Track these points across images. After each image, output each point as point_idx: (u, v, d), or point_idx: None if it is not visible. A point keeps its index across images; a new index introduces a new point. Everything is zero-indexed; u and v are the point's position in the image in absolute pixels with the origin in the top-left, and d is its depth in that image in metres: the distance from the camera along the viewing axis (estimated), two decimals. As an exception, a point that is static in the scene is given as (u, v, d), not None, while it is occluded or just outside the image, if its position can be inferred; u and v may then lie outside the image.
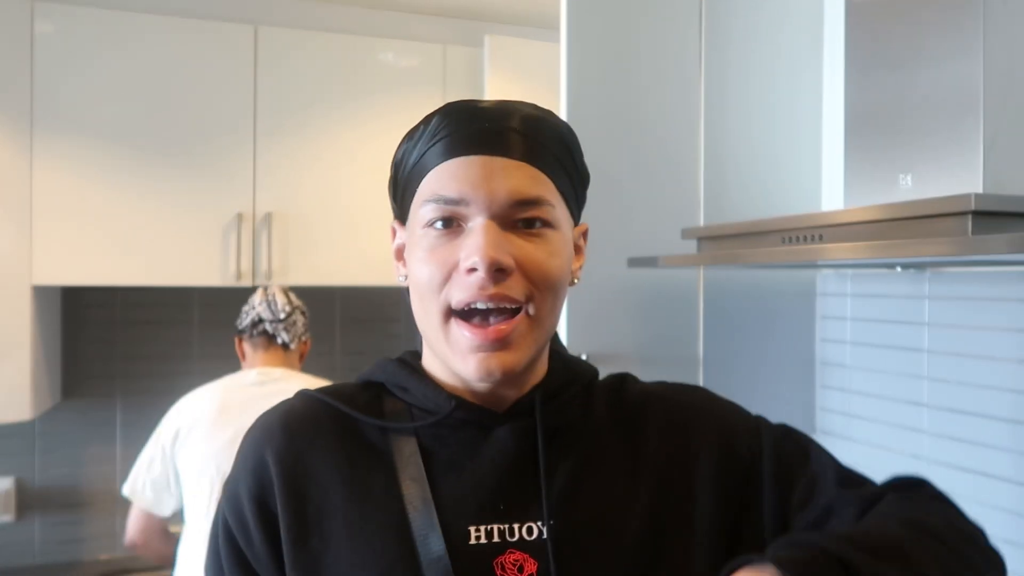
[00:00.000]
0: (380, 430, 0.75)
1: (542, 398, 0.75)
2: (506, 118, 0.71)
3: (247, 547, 0.72)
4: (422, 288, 0.71)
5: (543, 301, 0.71)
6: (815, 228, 1.17)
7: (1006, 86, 1.12)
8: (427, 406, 0.75)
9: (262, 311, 2.07)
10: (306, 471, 0.73)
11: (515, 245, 0.69)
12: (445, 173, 0.70)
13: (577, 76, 1.60)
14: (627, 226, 1.61)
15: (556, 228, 0.72)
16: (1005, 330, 1.36)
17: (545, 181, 0.71)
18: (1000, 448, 1.36)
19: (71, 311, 2.67)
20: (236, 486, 0.75)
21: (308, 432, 0.76)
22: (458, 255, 0.68)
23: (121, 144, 2.38)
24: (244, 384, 1.98)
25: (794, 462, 0.77)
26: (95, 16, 2.37)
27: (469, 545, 0.70)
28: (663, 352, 1.47)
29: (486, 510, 0.71)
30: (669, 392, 0.83)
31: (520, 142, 0.70)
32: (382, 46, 2.65)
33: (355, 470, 0.73)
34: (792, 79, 1.75)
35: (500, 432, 0.74)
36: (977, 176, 1.11)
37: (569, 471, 0.74)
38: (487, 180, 0.68)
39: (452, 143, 0.70)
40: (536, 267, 0.69)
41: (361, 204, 2.60)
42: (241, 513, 0.73)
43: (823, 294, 1.77)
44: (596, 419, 0.78)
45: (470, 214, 0.69)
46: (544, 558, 0.69)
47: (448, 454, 0.74)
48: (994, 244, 0.84)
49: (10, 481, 2.59)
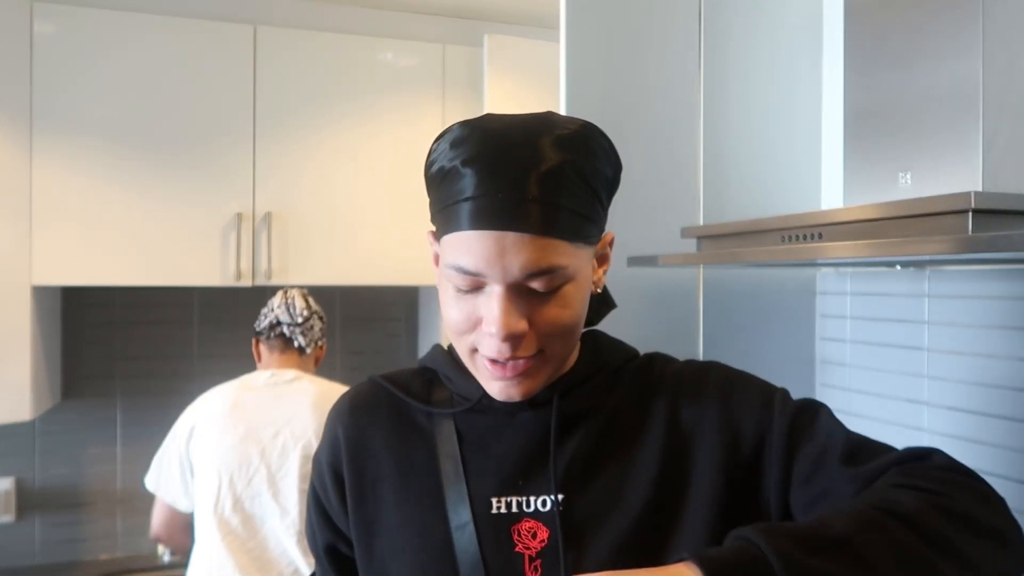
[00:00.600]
0: (426, 413, 0.89)
1: (561, 391, 0.84)
2: (525, 179, 0.73)
3: (327, 502, 0.91)
4: (451, 328, 0.80)
5: (555, 345, 0.79)
6: (815, 227, 1.17)
7: (1006, 84, 1.12)
8: (463, 393, 0.87)
9: (280, 314, 2.08)
10: (365, 445, 0.89)
11: (530, 307, 0.76)
12: (463, 245, 0.75)
13: (576, 75, 1.59)
14: (626, 225, 1.61)
15: (571, 280, 0.77)
16: (1005, 328, 1.36)
17: (557, 245, 0.75)
18: (1001, 446, 1.36)
19: (71, 311, 2.67)
20: (319, 455, 0.92)
21: (369, 413, 0.91)
22: (480, 312, 0.76)
23: (121, 144, 2.38)
24: (257, 385, 2.00)
25: (802, 437, 0.80)
26: (94, 16, 2.37)
27: (491, 514, 0.82)
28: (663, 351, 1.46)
29: (507, 484, 0.82)
30: (688, 370, 0.89)
31: (536, 212, 0.73)
32: (381, 46, 2.65)
33: (403, 446, 0.88)
34: (791, 78, 1.75)
35: (523, 417, 0.85)
36: (977, 174, 1.11)
37: (582, 450, 0.83)
38: (500, 257, 0.73)
39: (472, 212, 0.74)
40: (548, 324, 0.77)
41: (361, 204, 2.60)
42: (322, 476, 0.91)
43: (823, 293, 1.77)
44: (615, 402, 0.86)
45: (488, 282, 0.75)
46: (554, 526, 0.80)
47: (478, 436, 0.86)
48: (994, 242, 0.84)
49: (10, 481, 2.59)
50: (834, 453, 0.77)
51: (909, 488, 0.71)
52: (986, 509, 0.71)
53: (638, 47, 1.65)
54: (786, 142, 1.74)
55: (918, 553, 0.65)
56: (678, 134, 1.67)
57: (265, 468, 1.89)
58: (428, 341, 2.94)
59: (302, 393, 1.98)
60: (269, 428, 1.92)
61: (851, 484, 0.75)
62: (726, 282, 1.71)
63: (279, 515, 1.87)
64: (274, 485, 1.88)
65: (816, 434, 0.80)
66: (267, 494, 1.88)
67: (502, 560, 0.80)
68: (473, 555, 0.80)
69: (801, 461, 0.78)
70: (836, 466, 0.76)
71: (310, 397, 1.97)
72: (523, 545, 0.81)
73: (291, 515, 1.88)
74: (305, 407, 1.95)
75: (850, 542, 0.64)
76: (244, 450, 1.89)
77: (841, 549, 0.63)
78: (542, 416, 0.84)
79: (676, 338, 1.65)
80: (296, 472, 1.89)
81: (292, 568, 1.87)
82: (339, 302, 2.94)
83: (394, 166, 2.62)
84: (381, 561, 0.85)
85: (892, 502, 0.68)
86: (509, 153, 0.74)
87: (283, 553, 1.87)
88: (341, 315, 2.96)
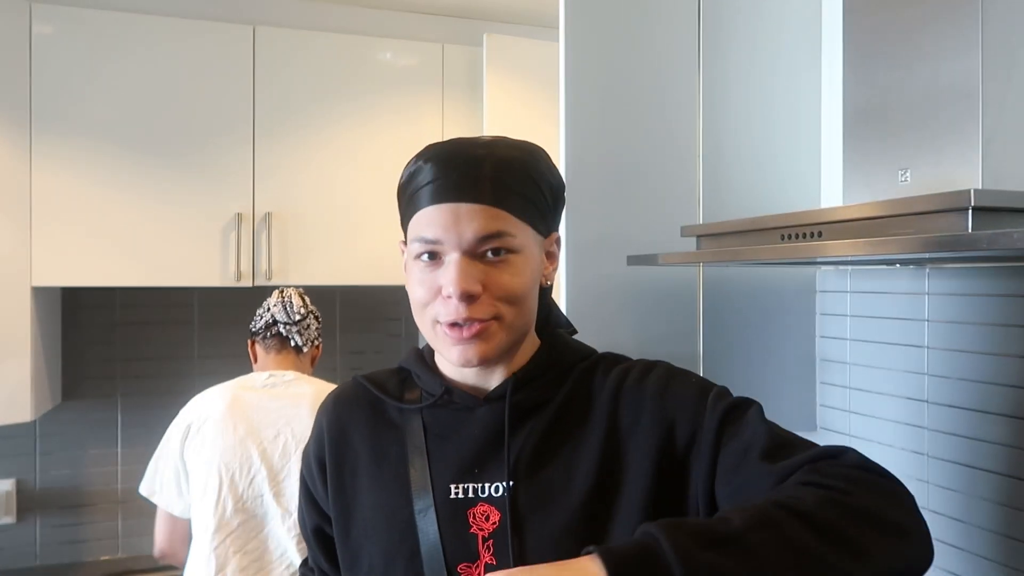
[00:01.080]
0: (397, 409, 0.98)
1: (514, 385, 0.93)
2: (478, 165, 0.87)
3: (313, 489, 1.02)
4: (416, 304, 0.90)
5: (508, 311, 0.88)
6: (814, 225, 1.17)
7: (1005, 81, 1.12)
8: (429, 389, 0.97)
9: (277, 313, 2.07)
10: (345, 438, 0.99)
11: (483, 271, 0.86)
12: (424, 218, 0.88)
13: (576, 74, 1.59)
14: (626, 224, 1.61)
15: (519, 252, 0.89)
16: (1006, 326, 1.36)
17: (506, 217, 0.87)
18: (1001, 444, 1.36)
19: (71, 312, 2.67)
20: (308, 447, 1.04)
21: (349, 408, 1.01)
22: (440, 282, 0.87)
23: (120, 145, 2.38)
24: (255, 386, 1.98)
25: (729, 432, 0.85)
26: (93, 17, 2.37)
27: (449, 499, 0.91)
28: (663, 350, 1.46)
29: (464, 472, 0.91)
30: (633, 368, 0.96)
31: (486, 187, 0.87)
32: (381, 45, 2.65)
33: (377, 438, 0.97)
34: (790, 76, 1.75)
35: (480, 412, 0.94)
36: (976, 171, 1.11)
37: (532, 442, 0.91)
38: (456, 223, 0.86)
39: (432, 191, 0.87)
40: (500, 288, 0.87)
41: (361, 203, 2.60)
42: (310, 465, 1.02)
43: (823, 291, 1.77)
44: (564, 397, 0.94)
45: (446, 250, 0.86)
46: (504, 510, 0.89)
47: (441, 428, 0.95)
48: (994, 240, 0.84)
49: (11, 483, 2.59)
50: (756, 449, 0.82)
51: (814, 485, 0.74)
52: (889, 504, 0.74)
53: (637, 46, 1.65)
54: (785, 140, 1.74)
55: (810, 548, 0.68)
56: (677, 132, 1.67)
57: (267, 469, 1.88)
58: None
59: (301, 395, 1.97)
60: (269, 429, 1.91)
61: (767, 478, 0.80)
62: (726, 281, 1.71)
63: (280, 516, 1.87)
64: (276, 486, 1.88)
65: (742, 430, 0.85)
66: (269, 495, 1.87)
67: (458, 540, 0.89)
68: (433, 535, 0.89)
69: (726, 455, 0.84)
70: (756, 461, 0.81)
71: (309, 399, 1.96)
72: (477, 527, 0.89)
73: (293, 516, 1.87)
74: (304, 408, 1.94)
75: (744, 537, 0.67)
76: (244, 450, 1.89)
77: (735, 544, 0.67)
78: (497, 410, 0.93)
79: (676, 337, 1.65)
80: (298, 474, 1.88)
81: (291, 570, 1.86)
82: (339, 302, 2.94)
83: (394, 166, 2.59)
84: (356, 541, 0.95)
85: (793, 499, 0.72)
86: (465, 149, 0.89)
87: (283, 554, 1.87)
88: (341, 315, 2.96)
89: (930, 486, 1.50)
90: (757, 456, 0.81)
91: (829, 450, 0.81)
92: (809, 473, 0.77)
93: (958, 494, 1.44)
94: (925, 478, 1.51)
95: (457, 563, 0.88)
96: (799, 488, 0.74)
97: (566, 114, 1.58)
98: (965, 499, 1.43)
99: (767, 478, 0.80)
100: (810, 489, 0.74)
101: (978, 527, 1.40)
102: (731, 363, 1.69)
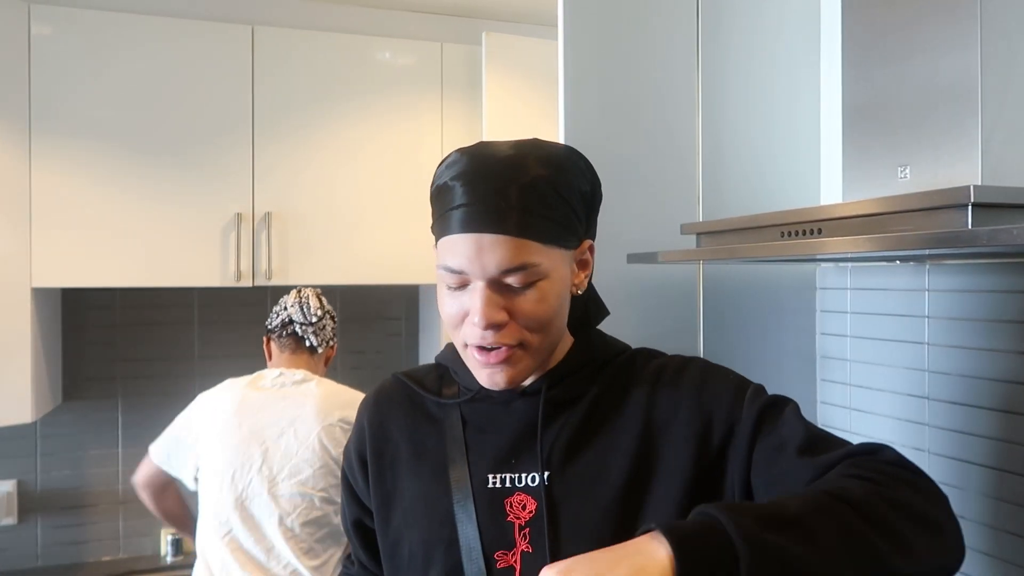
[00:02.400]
0: (436, 403, 1.01)
1: (549, 381, 0.96)
2: (505, 191, 0.85)
3: (353, 483, 1.05)
4: (447, 321, 0.92)
5: (534, 338, 0.89)
6: (814, 222, 1.17)
7: (1004, 77, 1.11)
8: (467, 384, 0.99)
9: (294, 313, 2.08)
10: (385, 433, 1.02)
11: (509, 300, 0.87)
12: (450, 245, 0.87)
13: (575, 73, 1.59)
14: (626, 222, 1.61)
15: (546, 277, 0.88)
16: (1006, 322, 1.36)
17: (531, 246, 0.86)
18: (1001, 440, 1.36)
19: (71, 313, 2.67)
20: (349, 443, 1.07)
21: (389, 404, 1.04)
22: (467, 307, 0.88)
23: (119, 145, 2.38)
24: (264, 385, 2.00)
25: (766, 427, 0.88)
26: (92, 18, 2.36)
27: (487, 488, 0.93)
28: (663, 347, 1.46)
29: (501, 463, 0.94)
30: (670, 363, 0.99)
31: (512, 217, 0.85)
32: (380, 45, 2.65)
33: (416, 431, 1.01)
34: (789, 73, 1.75)
35: (516, 405, 0.96)
36: (976, 168, 1.11)
37: (567, 434, 0.94)
38: (479, 255, 0.85)
39: (457, 219, 0.86)
40: (525, 316, 0.88)
41: (361, 202, 2.60)
42: (350, 460, 1.05)
43: (823, 288, 1.77)
44: (599, 391, 0.96)
45: (471, 279, 0.87)
46: (540, 499, 0.91)
47: (479, 421, 0.98)
48: (994, 236, 0.84)
49: (12, 484, 2.60)
50: (793, 443, 0.85)
51: (857, 478, 0.77)
52: (927, 502, 0.78)
53: (636, 44, 1.65)
54: (785, 138, 1.74)
55: (861, 535, 0.71)
56: (677, 130, 1.67)
57: (267, 469, 1.89)
58: (428, 340, 2.94)
59: (307, 395, 1.98)
60: (273, 429, 1.92)
61: (806, 472, 0.83)
62: (726, 278, 1.71)
63: (278, 516, 1.87)
64: (275, 487, 1.88)
65: (780, 426, 0.88)
66: (267, 495, 1.88)
67: (496, 528, 0.92)
68: (471, 524, 0.92)
69: (763, 449, 0.87)
70: (794, 455, 0.84)
71: (315, 400, 1.97)
72: (514, 515, 0.92)
73: (291, 516, 1.87)
74: (309, 409, 1.95)
75: (801, 521, 0.70)
76: (247, 450, 1.89)
77: (793, 526, 0.69)
78: (532, 404, 0.95)
79: (676, 335, 1.65)
80: (298, 475, 1.89)
81: (288, 568, 1.86)
82: (339, 301, 2.94)
83: (393, 165, 2.62)
84: (397, 530, 0.98)
85: (842, 488, 0.75)
86: (493, 169, 0.87)
87: (282, 554, 1.87)
88: (342, 314, 2.96)
89: (931, 483, 1.50)
90: (795, 451, 0.84)
91: (866, 446, 0.84)
92: (851, 467, 0.80)
93: (959, 490, 1.44)
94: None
95: (494, 551, 0.91)
96: (845, 479, 0.77)
97: (565, 112, 1.58)
98: (967, 495, 1.43)
99: (806, 471, 0.83)
100: (855, 481, 0.76)
101: (980, 523, 1.40)
102: (731, 361, 1.68)
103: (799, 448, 0.85)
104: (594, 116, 1.61)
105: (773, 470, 0.85)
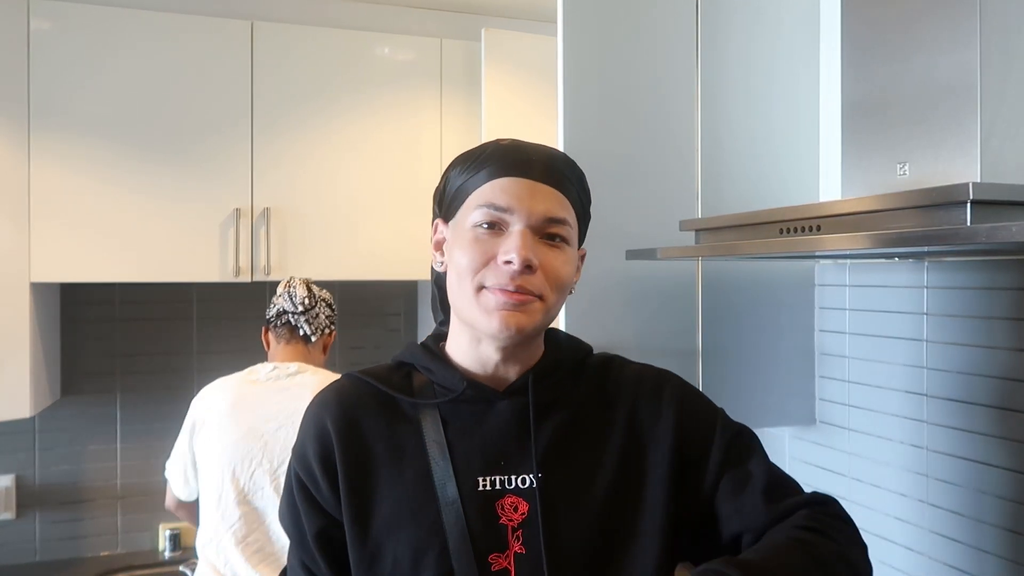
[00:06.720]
0: (411, 404, 0.97)
1: (534, 378, 0.96)
2: (551, 156, 0.95)
3: (316, 492, 0.95)
4: (461, 271, 0.91)
5: (552, 295, 0.92)
6: (813, 219, 1.17)
7: (1003, 74, 1.11)
8: (446, 384, 0.97)
9: (283, 303, 2.10)
10: (357, 434, 0.96)
11: (540, 251, 0.90)
12: (497, 187, 0.91)
13: (574, 69, 1.59)
14: (625, 218, 1.61)
15: (570, 244, 0.94)
16: (1005, 319, 1.36)
17: (569, 207, 0.94)
18: (1001, 437, 1.37)
19: (70, 308, 2.67)
20: (304, 448, 0.97)
21: (356, 405, 0.98)
22: (497, 250, 0.89)
23: (118, 140, 2.37)
24: (259, 378, 2.00)
25: (734, 458, 0.97)
26: (91, 13, 2.36)
27: (477, 491, 0.92)
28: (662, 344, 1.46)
29: (490, 465, 0.93)
30: (645, 375, 1.03)
31: (557, 175, 0.93)
32: (379, 40, 2.64)
33: (392, 434, 0.96)
34: (789, 70, 1.75)
35: (501, 405, 0.96)
36: (975, 165, 1.11)
37: (555, 435, 0.95)
38: (530, 197, 0.90)
39: (505, 165, 0.92)
40: (553, 270, 0.91)
41: (359, 198, 2.60)
42: (310, 468, 0.95)
43: (822, 285, 1.77)
44: (580, 396, 0.99)
45: (512, 221, 0.90)
46: (533, 501, 0.92)
47: (462, 422, 0.95)
48: (993, 233, 0.84)
49: (10, 479, 2.60)
50: (759, 484, 0.95)
51: (816, 531, 0.89)
52: (859, 554, 0.92)
53: (635, 41, 1.65)
54: (784, 134, 1.74)
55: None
56: (676, 127, 1.67)
57: (268, 463, 1.89)
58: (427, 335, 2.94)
59: (304, 386, 1.98)
60: (271, 422, 1.92)
61: (766, 516, 0.93)
62: (725, 275, 1.71)
63: None
64: (276, 480, 1.88)
65: (745, 459, 0.97)
66: (269, 488, 1.88)
67: (489, 531, 0.91)
68: (461, 527, 0.90)
69: (729, 479, 0.96)
70: (759, 496, 0.94)
71: (311, 391, 1.97)
72: (506, 517, 0.92)
73: None
74: (306, 401, 1.95)
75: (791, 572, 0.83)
76: (247, 445, 1.90)
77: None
78: (518, 404, 0.96)
79: (675, 331, 1.65)
80: None
81: None
82: (338, 297, 2.94)
83: (392, 161, 2.62)
84: (376, 539, 0.93)
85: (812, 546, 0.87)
86: (530, 148, 0.94)
87: (284, 546, 1.87)
88: (340, 310, 2.95)
89: (929, 479, 1.50)
90: (760, 492, 0.94)
91: (816, 497, 0.95)
92: (807, 519, 0.91)
93: (957, 487, 1.44)
94: (924, 471, 1.51)
95: (487, 553, 0.91)
96: (808, 533, 0.89)
97: (564, 109, 1.58)
98: (964, 492, 1.43)
99: (766, 515, 0.93)
100: (816, 535, 0.89)
101: (977, 520, 1.41)
102: (730, 357, 1.69)
103: (763, 490, 0.94)
104: (593, 112, 1.61)
105: (735, 502, 0.94)
